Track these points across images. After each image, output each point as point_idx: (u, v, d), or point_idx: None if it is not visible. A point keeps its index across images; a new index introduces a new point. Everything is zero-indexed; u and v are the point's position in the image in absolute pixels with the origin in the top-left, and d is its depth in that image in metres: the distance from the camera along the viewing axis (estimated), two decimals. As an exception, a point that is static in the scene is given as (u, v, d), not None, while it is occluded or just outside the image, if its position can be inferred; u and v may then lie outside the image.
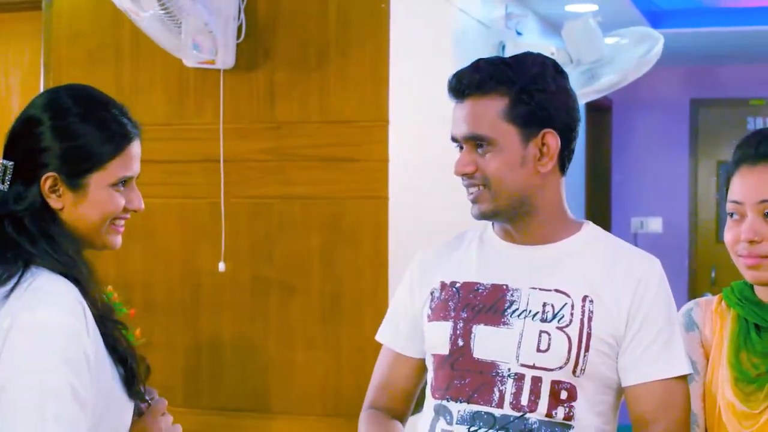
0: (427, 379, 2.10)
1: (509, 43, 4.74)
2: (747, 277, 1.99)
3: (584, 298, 1.97)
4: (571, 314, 1.96)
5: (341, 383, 3.58)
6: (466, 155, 2.00)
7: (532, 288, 2.00)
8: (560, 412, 1.95)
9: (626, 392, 2.01)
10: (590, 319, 1.96)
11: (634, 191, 7.68)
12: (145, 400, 1.86)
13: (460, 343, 2.00)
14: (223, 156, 3.67)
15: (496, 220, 2.06)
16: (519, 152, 1.98)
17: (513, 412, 1.95)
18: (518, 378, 1.96)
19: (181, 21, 3.41)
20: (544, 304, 1.98)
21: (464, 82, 1.99)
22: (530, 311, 1.98)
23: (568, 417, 1.95)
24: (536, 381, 1.95)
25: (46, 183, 1.77)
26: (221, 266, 3.65)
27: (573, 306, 1.97)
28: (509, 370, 1.96)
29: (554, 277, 2.00)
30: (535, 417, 1.95)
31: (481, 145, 1.98)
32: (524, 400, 1.95)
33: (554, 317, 1.97)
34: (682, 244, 7.61)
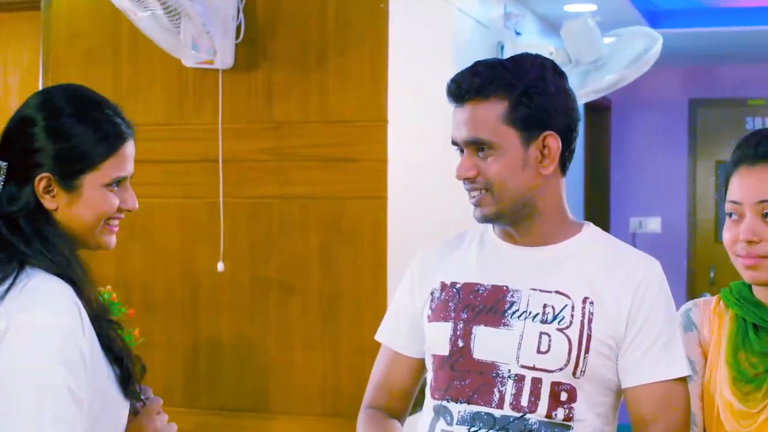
0: (427, 380, 2.10)
1: (508, 42, 4.74)
2: (745, 277, 2.00)
3: (584, 300, 1.97)
4: (572, 316, 1.96)
5: (340, 383, 3.58)
6: (468, 159, 2.00)
7: (533, 289, 2.00)
8: (560, 413, 1.95)
9: (626, 394, 2.01)
10: (590, 321, 1.96)
11: (633, 191, 7.68)
12: (141, 400, 1.85)
13: (460, 344, 2.00)
14: (222, 156, 3.67)
15: (498, 223, 2.06)
16: (520, 155, 1.98)
17: (513, 412, 1.95)
18: (518, 379, 1.96)
19: (179, 21, 3.41)
20: (545, 306, 1.98)
21: (464, 86, 1.99)
22: (530, 312, 1.98)
23: (568, 418, 1.95)
24: (536, 382, 1.95)
25: (40, 183, 1.77)
26: (220, 266, 3.64)
27: (573, 307, 1.97)
28: (509, 371, 1.96)
29: (555, 278, 2.00)
30: (535, 418, 1.95)
31: (482, 149, 1.98)
32: (524, 401, 1.95)
33: (554, 319, 1.97)
34: (680, 244, 7.61)
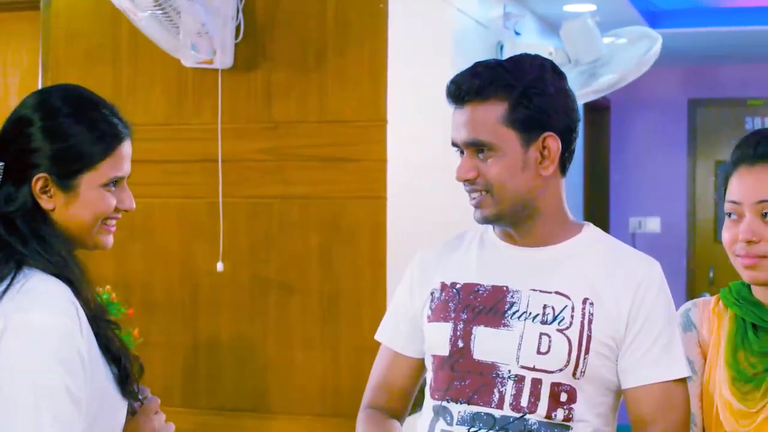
0: (426, 380, 2.10)
1: (507, 43, 4.74)
2: (744, 276, 2.00)
3: (584, 301, 1.97)
4: (572, 316, 1.96)
5: (340, 383, 3.58)
6: (468, 161, 2.00)
7: (533, 290, 2.00)
8: (560, 413, 1.95)
9: (626, 394, 2.01)
10: (590, 322, 1.96)
11: (633, 191, 7.68)
12: (139, 399, 1.85)
13: (460, 345, 2.00)
14: (222, 156, 3.67)
15: (498, 224, 2.06)
16: (520, 157, 1.98)
17: (513, 413, 1.95)
18: (518, 380, 1.96)
19: (179, 21, 3.41)
20: (545, 306, 1.98)
21: (463, 88, 1.99)
22: (530, 313, 1.98)
23: (568, 418, 1.95)
24: (536, 383, 1.95)
25: (37, 184, 1.77)
26: (220, 266, 3.64)
27: (573, 308, 1.97)
28: (509, 371, 1.96)
29: (554, 279, 2.00)
30: (535, 418, 1.95)
31: (482, 151, 1.98)
32: (524, 402, 1.95)
33: (554, 319, 1.97)
34: (680, 244, 7.61)
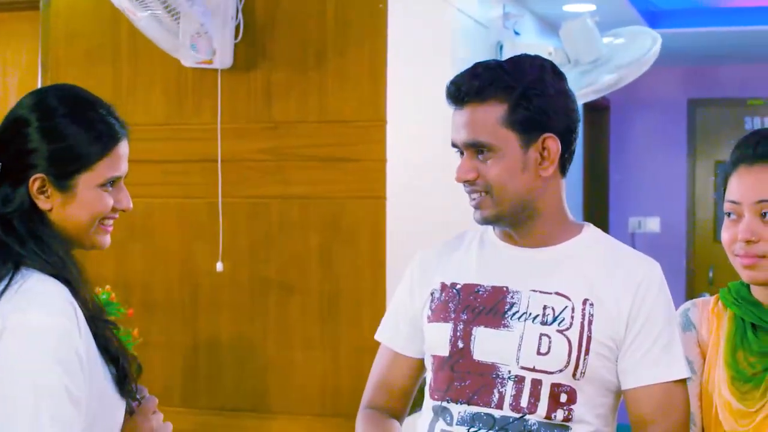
0: (426, 380, 2.10)
1: (507, 43, 4.73)
2: (743, 276, 2.00)
3: (584, 301, 1.97)
4: (572, 317, 1.96)
5: (340, 383, 3.58)
6: (467, 162, 2.00)
7: (533, 290, 2.00)
8: (559, 414, 1.95)
9: (626, 395, 2.01)
10: (590, 323, 1.96)
11: (632, 191, 7.68)
12: (136, 399, 1.86)
13: (460, 345, 2.00)
14: (221, 156, 3.66)
15: (498, 225, 2.06)
16: (520, 158, 1.98)
17: (512, 413, 1.95)
18: (518, 380, 1.96)
19: (178, 21, 3.41)
20: (545, 307, 1.98)
21: (463, 89, 1.99)
22: (530, 314, 1.98)
23: (567, 419, 1.95)
24: (536, 384, 1.95)
25: (34, 184, 1.77)
26: (219, 266, 3.64)
27: (573, 309, 1.97)
28: (509, 372, 1.96)
29: (555, 279, 2.00)
30: (535, 419, 1.95)
31: (481, 152, 1.98)
32: (524, 402, 1.95)
33: (554, 320, 1.97)
34: (679, 244, 7.61)
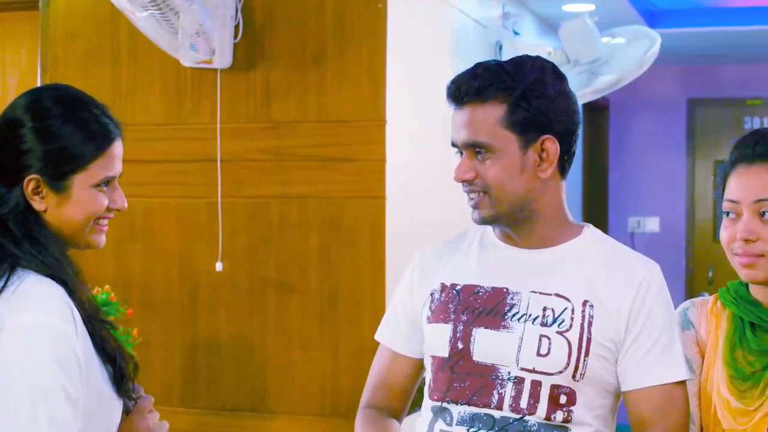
0: (425, 380, 2.10)
1: (506, 42, 4.74)
2: (742, 275, 2.00)
3: (584, 303, 1.97)
4: (572, 319, 1.96)
5: (339, 383, 3.58)
6: (466, 161, 2.00)
7: (533, 292, 2.00)
8: (559, 415, 1.95)
9: (625, 396, 2.01)
10: (590, 324, 1.96)
11: (632, 191, 7.68)
12: (132, 398, 1.86)
13: (459, 346, 2.00)
14: (221, 156, 3.67)
15: (496, 225, 2.06)
16: (518, 158, 1.97)
17: (512, 414, 1.95)
18: (518, 381, 1.96)
19: (178, 21, 3.41)
20: (545, 308, 1.98)
21: (463, 89, 1.98)
22: (530, 315, 1.98)
23: (567, 420, 1.95)
24: (536, 385, 1.95)
25: (29, 185, 1.77)
26: (219, 266, 3.64)
27: (573, 310, 1.97)
28: (509, 373, 1.96)
29: (554, 281, 2.00)
30: (534, 420, 1.95)
31: (480, 152, 1.98)
32: (523, 403, 1.95)
33: (554, 321, 1.96)
34: (679, 243, 7.61)
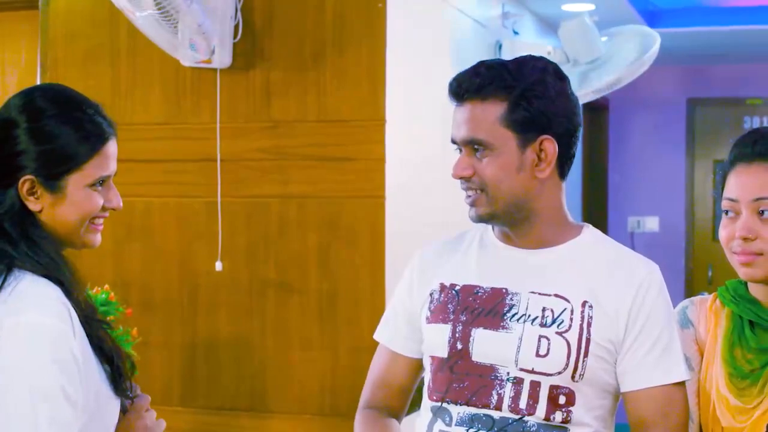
0: (425, 380, 2.10)
1: (506, 42, 4.74)
2: (740, 274, 2.01)
3: (584, 304, 1.97)
4: (571, 319, 1.96)
5: (338, 383, 3.58)
6: (464, 159, 2.00)
7: (532, 292, 2.00)
8: (558, 416, 1.95)
9: (625, 397, 2.01)
10: (589, 325, 1.96)
11: (631, 190, 7.68)
12: (129, 397, 1.86)
13: (458, 347, 2.00)
14: (220, 155, 3.67)
15: (493, 223, 2.06)
16: (516, 157, 1.98)
17: (511, 414, 1.95)
18: (517, 382, 1.96)
19: (177, 20, 3.41)
20: (544, 309, 1.98)
21: (464, 86, 1.99)
22: (529, 315, 1.98)
23: (566, 421, 1.95)
24: (535, 385, 1.95)
25: (24, 186, 1.77)
26: (218, 265, 3.64)
27: (572, 311, 1.97)
28: (508, 374, 1.96)
29: (554, 281, 2.00)
30: (533, 420, 1.95)
31: (478, 149, 1.98)
32: (522, 404, 1.95)
33: (554, 322, 1.96)
34: (678, 243, 7.61)
